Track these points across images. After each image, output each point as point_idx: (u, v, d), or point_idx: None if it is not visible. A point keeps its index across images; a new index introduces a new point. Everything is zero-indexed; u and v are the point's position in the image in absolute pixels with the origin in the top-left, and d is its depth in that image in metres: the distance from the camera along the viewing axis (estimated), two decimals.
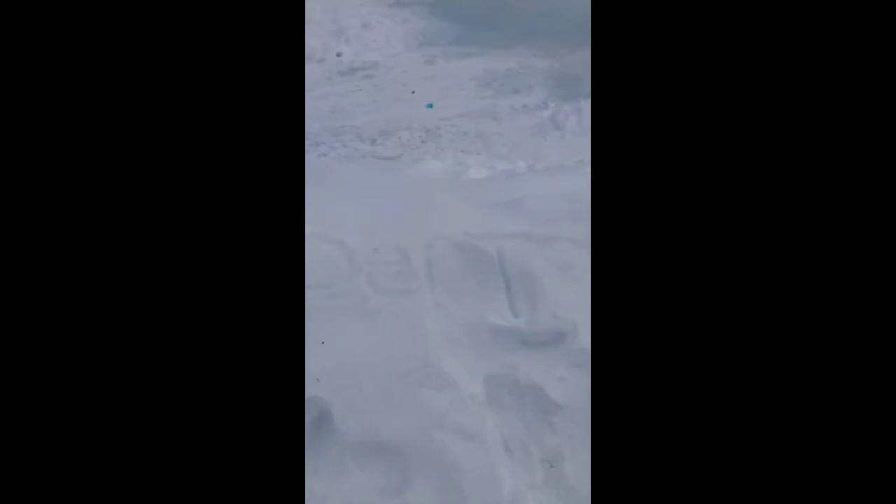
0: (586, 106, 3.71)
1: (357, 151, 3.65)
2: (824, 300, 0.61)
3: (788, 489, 0.60)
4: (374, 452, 1.22)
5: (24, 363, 0.62)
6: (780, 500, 0.60)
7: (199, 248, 0.66)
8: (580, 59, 3.79)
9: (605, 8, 0.69)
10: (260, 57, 0.70)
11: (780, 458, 0.60)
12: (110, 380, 0.63)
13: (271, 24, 0.70)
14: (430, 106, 4.06)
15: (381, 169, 2.86)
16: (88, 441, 0.62)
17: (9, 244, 0.62)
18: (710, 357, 0.63)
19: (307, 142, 3.70)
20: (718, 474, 0.61)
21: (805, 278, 0.62)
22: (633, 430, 0.63)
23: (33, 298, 0.62)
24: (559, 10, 4.72)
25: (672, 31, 0.67)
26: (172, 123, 0.67)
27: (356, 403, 1.25)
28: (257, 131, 0.69)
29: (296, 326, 0.70)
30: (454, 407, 1.25)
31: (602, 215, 0.68)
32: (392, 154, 3.60)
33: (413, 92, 4.19)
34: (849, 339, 0.60)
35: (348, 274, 1.41)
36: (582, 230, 1.25)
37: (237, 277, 0.66)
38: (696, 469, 0.62)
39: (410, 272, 1.44)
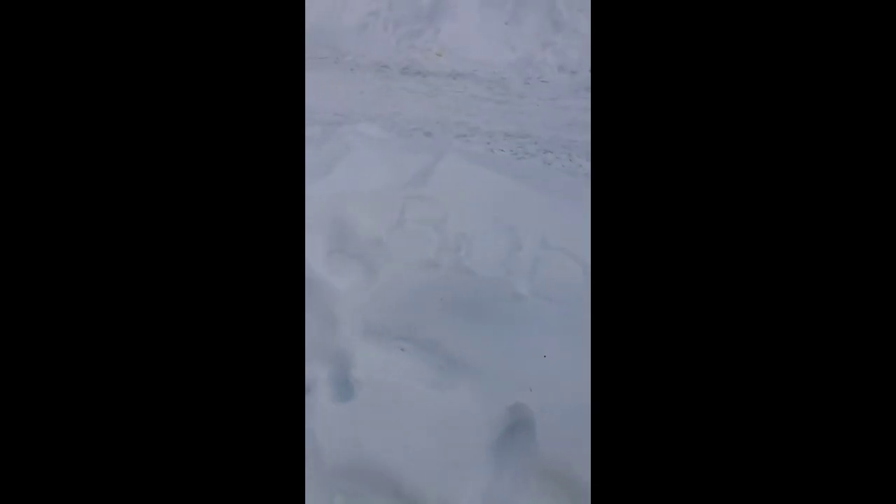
0: None
1: (581, 168, 3.60)
2: (822, 310, 0.61)
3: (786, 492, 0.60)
4: (562, 482, 1.19)
5: (24, 363, 0.61)
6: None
7: (198, 248, 0.66)
8: None
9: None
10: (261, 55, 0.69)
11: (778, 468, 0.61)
12: (109, 381, 0.63)
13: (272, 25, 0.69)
14: None
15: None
16: (101, 439, 0.61)
17: (9, 244, 0.61)
18: (713, 369, 0.63)
19: (536, 146, 3.79)
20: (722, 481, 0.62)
21: (801, 292, 0.62)
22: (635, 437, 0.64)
23: (32, 295, 0.62)
24: None
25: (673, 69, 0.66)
26: (181, 123, 0.67)
27: (560, 427, 1.23)
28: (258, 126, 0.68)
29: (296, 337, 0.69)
30: None
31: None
32: None
33: None
34: (847, 346, 0.60)
35: (583, 295, 1.39)
36: None
37: (237, 273, 0.66)
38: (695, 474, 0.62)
39: None
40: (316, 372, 1.36)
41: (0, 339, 0.61)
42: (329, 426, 1.27)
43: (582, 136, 3.87)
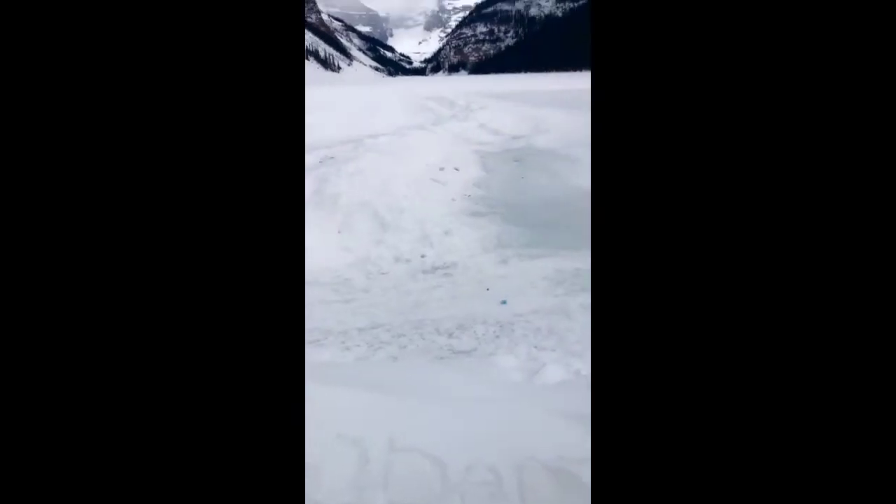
0: None
1: (434, 344, 3.82)
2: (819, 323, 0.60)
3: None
4: None
5: (24, 363, 0.60)
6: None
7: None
8: None
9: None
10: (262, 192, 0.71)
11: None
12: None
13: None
14: (504, 302, 4.32)
15: (463, 369, 2.97)
16: (94, 441, 0.61)
17: (9, 244, 0.61)
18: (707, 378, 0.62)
19: (389, 333, 3.97)
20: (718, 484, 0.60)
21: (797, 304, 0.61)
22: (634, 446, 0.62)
23: (34, 299, 0.62)
24: None
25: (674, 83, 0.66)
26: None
27: None
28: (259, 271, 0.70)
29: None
30: None
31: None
32: (467, 347, 3.73)
33: (488, 289, 4.52)
34: (844, 350, 0.59)
35: (441, 494, 1.42)
36: None
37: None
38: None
39: (503, 495, 1.41)
40: None
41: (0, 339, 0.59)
42: None
43: (427, 315, 4.20)
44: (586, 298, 4.27)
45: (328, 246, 4.87)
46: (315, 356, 3.33)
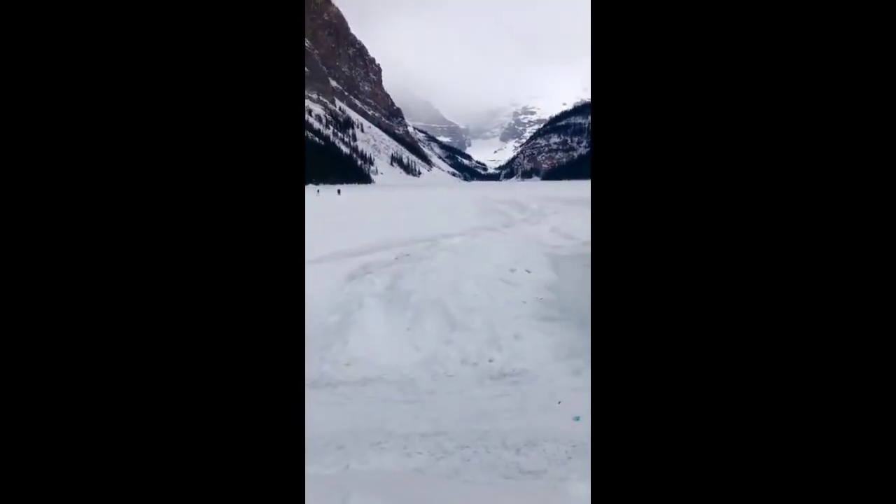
0: None
1: (500, 460, 3.52)
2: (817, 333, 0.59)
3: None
4: None
5: (24, 363, 0.59)
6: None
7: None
8: None
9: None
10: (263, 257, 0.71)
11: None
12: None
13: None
14: (577, 419, 3.96)
15: (530, 495, 2.67)
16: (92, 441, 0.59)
17: (9, 245, 0.60)
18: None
19: (453, 442, 3.73)
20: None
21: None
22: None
23: (34, 301, 0.60)
24: None
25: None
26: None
27: None
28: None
29: None
30: None
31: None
32: (536, 467, 3.39)
33: (559, 402, 4.20)
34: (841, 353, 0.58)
35: None
36: None
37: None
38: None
39: None
40: None
41: (1, 339, 0.58)
42: None
43: (493, 426, 3.93)
44: None
45: (397, 342, 4.88)
46: (375, 461, 3.18)
